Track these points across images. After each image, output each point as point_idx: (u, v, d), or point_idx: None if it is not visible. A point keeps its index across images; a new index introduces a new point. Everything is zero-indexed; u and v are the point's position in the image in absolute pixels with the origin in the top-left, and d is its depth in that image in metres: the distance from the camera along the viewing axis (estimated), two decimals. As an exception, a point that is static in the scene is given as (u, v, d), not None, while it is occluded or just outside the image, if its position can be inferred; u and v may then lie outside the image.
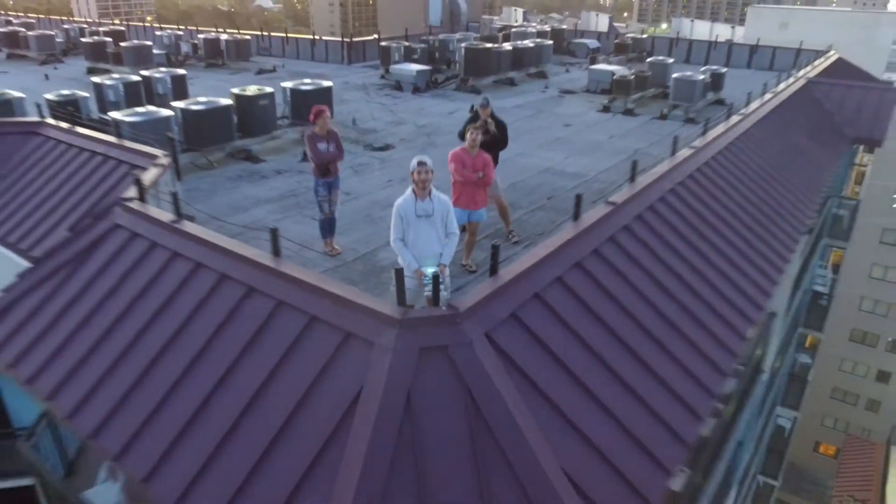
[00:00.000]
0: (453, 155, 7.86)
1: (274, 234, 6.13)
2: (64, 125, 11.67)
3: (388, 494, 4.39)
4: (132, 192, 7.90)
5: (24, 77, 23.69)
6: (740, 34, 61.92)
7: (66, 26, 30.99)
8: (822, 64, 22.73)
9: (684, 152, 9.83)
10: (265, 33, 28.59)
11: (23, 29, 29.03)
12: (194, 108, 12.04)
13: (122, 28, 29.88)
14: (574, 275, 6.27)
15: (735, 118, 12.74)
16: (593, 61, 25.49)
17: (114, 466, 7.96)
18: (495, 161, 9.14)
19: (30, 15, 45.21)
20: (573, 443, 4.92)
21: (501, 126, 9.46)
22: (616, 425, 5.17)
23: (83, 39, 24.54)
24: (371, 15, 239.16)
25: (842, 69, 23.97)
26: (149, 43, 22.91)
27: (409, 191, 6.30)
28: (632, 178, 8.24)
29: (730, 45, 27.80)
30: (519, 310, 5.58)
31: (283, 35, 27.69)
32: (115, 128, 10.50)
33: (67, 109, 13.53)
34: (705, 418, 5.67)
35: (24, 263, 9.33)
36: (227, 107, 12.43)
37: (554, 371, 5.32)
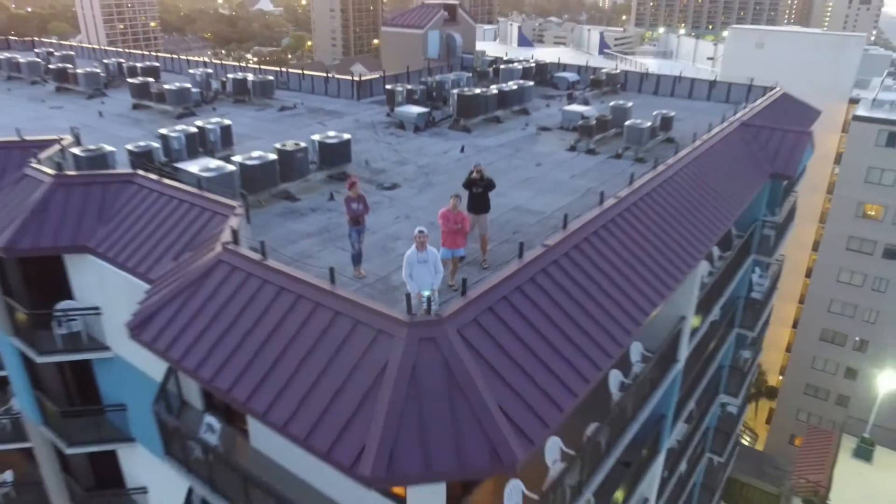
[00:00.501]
0: (441, 214, 11.79)
1: (332, 271, 10.07)
2: (153, 176, 15.60)
3: (403, 419, 8.29)
4: (228, 235, 11.82)
5: (81, 113, 27.63)
6: (722, 51, 65.83)
7: (105, 60, 34.86)
8: (764, 102, 26.62)
9: (610, 201, 13.75)
10: (284, 69, 32.52)
11: (70, 65, 33.02)
12: (249, 163, 15.97)
13: (157, 64, 33.76)
14: (515, 295, 10.20)
15: (672, 160, 16.73)
16: (570, 97, 29.50)
17: (212, 422, 11.93)
18: (487, 206, 13.17)
19: (62, 42, 49.15)
20: (505, 392, 8.83)
21: (491, 183, 13.41)
22: (532, 382, 9.09)
23: (129, 80, 28.35)
24: (371, 21, 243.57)
25: (784, 104, 27.84)
26: (188, 86, 26.76)
27: (413, 247, 10.23)
28: (564, 226, 12.17)
29: (692, 80, 31.61)
30: (478, 317, 9.50)
31: (300, 72, 31.61)
32: (198, 183, 14.44)
33: (142, 160, 17.50)
34: (590, 379, 9.59)
35: (140, 282, 13.27)
36: (273, 161, 16.35)
37: (497, 352, 9.24)
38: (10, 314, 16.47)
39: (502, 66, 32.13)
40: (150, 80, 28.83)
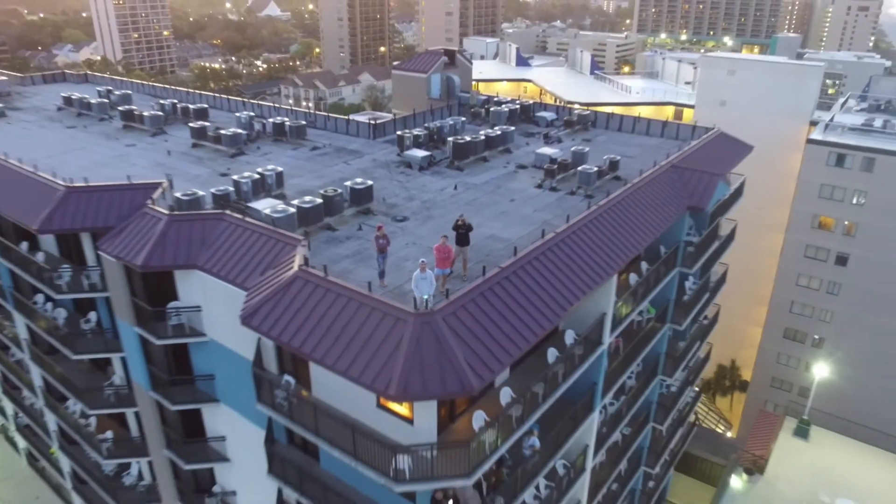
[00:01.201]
0: (435, 247, 18.71)
1: (370, 284, 17.07)
2: (237, 215, 22.63)
3: (411, 366, 15.24)
4: (300, 260, 18.81)
5: (151, 151, 34.67)
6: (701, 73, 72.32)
7: (162, 101, 42.01)
8: (701, 142, 33.42)
9: (549, 235, 20.68)
10: (312, 111, 39.57)
11: (135, 106, 40.21)
12: (304, 205, 23.00)
13: (206, 105, 40.93)
14: (479, 298, 17.17)
15: (604, 200, 23.65)
16: (546, 137, 36.43)
17: (287, 383, 18.98)
18: (468, 241, 20.06)
19: (114, 77, 56.50)
20: (469, 351, 15.80)
21: (470, 227, 20.28)
22: (485, 346, 16.07)
23: (190, 125, 35.44)
24: (378, 29, 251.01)
25: (718, 143, 34.59)
26: (241, 131, 33.85)
27: (417, 269, 17.15)
28: (514, 253, 19.14)
29: (648, 121, 38.42)
30: (456, 311, 16.49)
31: (326, 114, 38.70)
32: (271, 221, 21.49)
33: (221, 200, 24.55)
34: (522, 348, 16.54)
35: (234, 288, 20.28)
36: (319, 203, 23.39)
37: (465, 330, 16.21)
38: (135, 310, 23.57)
39: (492, 109, 39.07)
40: (207, 123, 35.88)
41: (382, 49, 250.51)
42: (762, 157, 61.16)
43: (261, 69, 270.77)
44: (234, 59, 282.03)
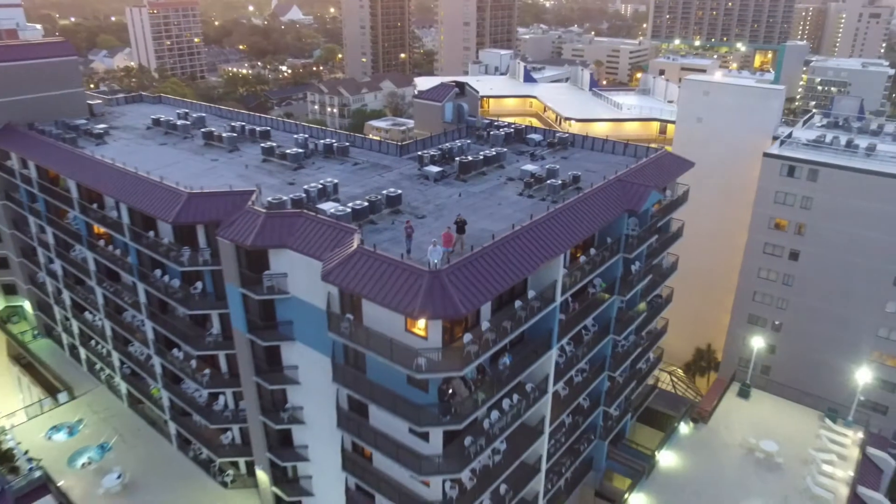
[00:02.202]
0: (444, 235, 30.06)
1: (402, 255, 28.61)
2: (311, 213, 34.23)
3: (425, 300, 26.68)
4: (357, 242, 30.35)
5: (231, 166, 46.49)
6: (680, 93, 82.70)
7: (233, 123, 53.97)
8: (649, 160, 44.45)
9: (517, 227, 32.01)
10: (351, 133, 51.28)
11: (214, 129, 52.19)
12: (356, 207, 34.56)
13: (269, 128, 52.85)
14: (468, 264, 28.62)
15: (561, 204, 34.92)
16: (532, 155, 47.75)
17: (348, 318, 30.76)
18: (464, 231, 31.42)
19: (185, 100, 68.75)
20: (460, 294, 27.23)
21: (465, 221, 31.66)
22: (470, 291, 27.50)
23: (262, 145, 47.29)
24: (399, 36, 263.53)
25: (663, 160, 45.55)
26: (301, 150, 45.62)
27: (430, 245, 28.51)
28: (492, 238, 30.54)
29: (613, 142, 49.52)
30: (453, 271, 27.95)
31: (363, 136, 50.31)
32: (335, 217, 33.12)
33: (297, 202, 36.19)
34: (494, 294, 27.95)
35: (313, 260, 31.90)
36: (366, 206, 34.96)
37: (458, 280, 27.66)
38: (241, 276, 35.32)
39: (492, 132, 50.45)
40: (273, 144, 47.66)
41: (403, 55, 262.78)
42: (731, 166, 72.58)
43: (286, 74, 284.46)
44: (259, 63, 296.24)
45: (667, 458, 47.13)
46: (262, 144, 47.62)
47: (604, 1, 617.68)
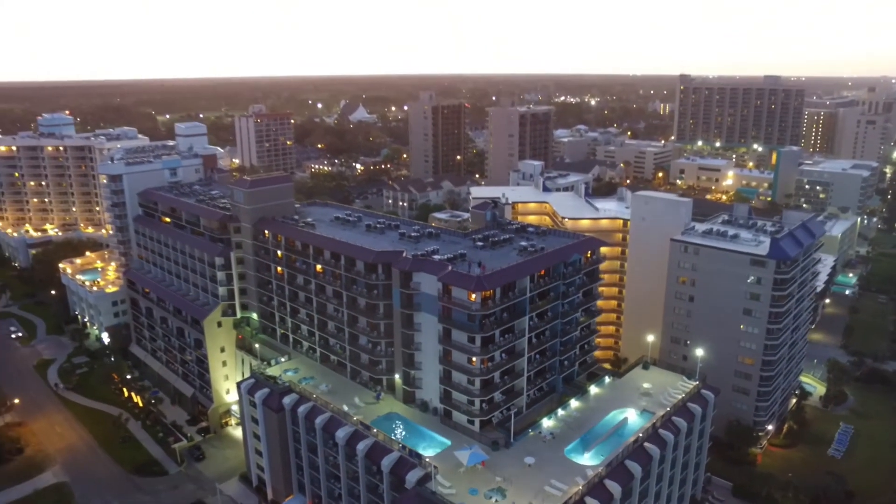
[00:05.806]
0: (481, 265, 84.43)
1: (468, 274, 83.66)
2: (430, 258, 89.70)
3: (475, 286, 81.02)
4: (449, 268, 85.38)
5: (387, 241, 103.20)
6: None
7: (379, 220, 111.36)
8: (577, 240, 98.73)
9: (508, 265, 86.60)
10: (436, 227, 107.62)
11: (371, 222, 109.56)
12: (448, 256, 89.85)
13: (398, 222, 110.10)
14: (489, 275, 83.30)
15: (535, 256, 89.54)
16: (527, 238, 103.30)
17: (445, 296, 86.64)
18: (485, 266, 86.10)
19: (339, 204, 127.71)
20: (485, 282, 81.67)
21: (484, 266, 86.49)
22: (489, 282, 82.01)
23: (399, 231, 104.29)
24: (456, 142, 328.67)
25: (584, 243, 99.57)
26: (417, 234, 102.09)
27: (478, 268, 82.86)
28: (479, 265, 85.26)
29: (568, 232, 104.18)
30: (483, 276, 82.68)
31: (445, 227, 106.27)
32: (440, 260, 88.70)
33: (422, 254, 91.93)
34: (501, 284, 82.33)
35: (433, 276, 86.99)
36: (453, 257, 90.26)
37: (485, 279, 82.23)
38: (400, 282, 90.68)
39: (508, 226, 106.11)
40: (404, 231, 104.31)
41: (458, 157, 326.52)
42: (660, 245, 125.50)
43: (359, 170, 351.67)
44: (336, 161, 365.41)
45: (594, 391, 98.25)
46: (398, 231, 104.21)
47: (644, 100, 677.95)
